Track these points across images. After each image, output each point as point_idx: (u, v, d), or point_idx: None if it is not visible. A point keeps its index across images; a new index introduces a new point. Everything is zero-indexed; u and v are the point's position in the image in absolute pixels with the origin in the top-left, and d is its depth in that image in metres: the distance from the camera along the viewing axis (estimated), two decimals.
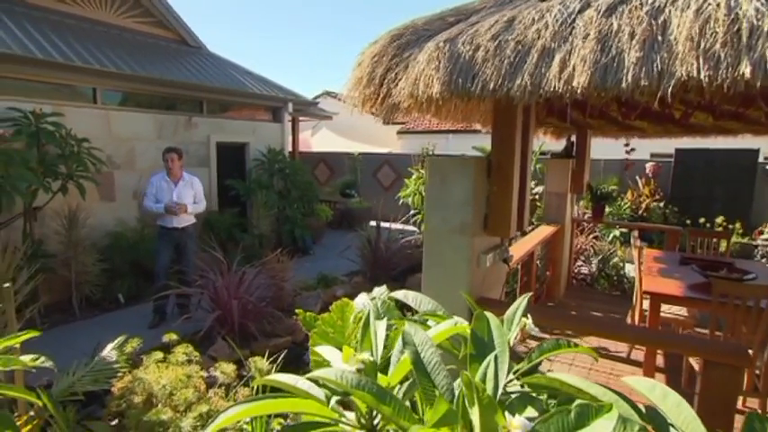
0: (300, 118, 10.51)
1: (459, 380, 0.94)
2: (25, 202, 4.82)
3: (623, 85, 1.59)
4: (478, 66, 1.99)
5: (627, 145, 5.39)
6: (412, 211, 8.53)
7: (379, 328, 1.40)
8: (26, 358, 1.58)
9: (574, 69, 1.72)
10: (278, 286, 4.61)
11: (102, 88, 6.18)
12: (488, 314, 1.20)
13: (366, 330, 1.39)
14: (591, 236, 7.39)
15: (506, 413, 0.83)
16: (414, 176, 6.27)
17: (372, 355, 1.30)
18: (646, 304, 3.54)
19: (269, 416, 2.62)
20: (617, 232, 7.69)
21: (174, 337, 2.45)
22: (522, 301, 1.35)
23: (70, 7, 6.79)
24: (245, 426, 2.13)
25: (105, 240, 6.01)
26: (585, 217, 7.25)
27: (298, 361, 3.90)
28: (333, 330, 2.55)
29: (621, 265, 6.39)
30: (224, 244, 6.20)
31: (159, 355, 2.41)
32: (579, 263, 6.24)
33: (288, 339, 4.32)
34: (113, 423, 2.39)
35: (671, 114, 4.27)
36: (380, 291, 1.98)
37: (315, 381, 1.19)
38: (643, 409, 0.92)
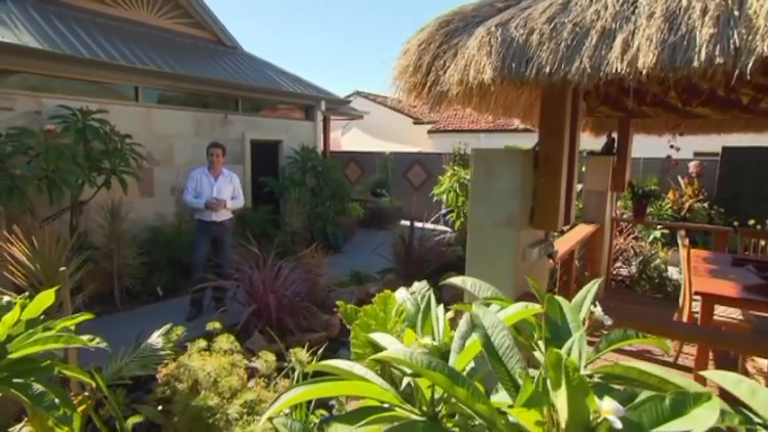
0: (332, 117, 10.58)
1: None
2: (73, 195, 4.99)
3: (695, 63, 1.50)
4: (533, 49, 1.92)
5: (673, 140, 5.16)
6: (443, 210, 8.43)
7: (440, 314, 1.35)
8: (84, 338, 1.61)
9: (638, 50, 1.63)
10: (313, 281, 4.62)
11: (143, 87, 6.36)
12: (559, 298, 1.14)
13: (427, 315, 1.34)
14: (630, 237, 7.14)
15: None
16: (448, 173, 6.19)
17: (434, 340, 1.26)
18: (696, 306, 3.37)
19: (308, 408, 2.61)
20: (657, 233, 7.40)
21: (217, 325, 2.47)
22: (591, 287, 1.28)
23: (115, 10, 7.02)
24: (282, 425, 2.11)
25: (144, 235, 6.17)
26: (625, 216, 7.01)
27: (333, 356, 3.89)
28: (375, 322, 2.51)
29: (664, 267, 6.14)
30: (257, 240, 6.27)
31: (203, 343, 2.43)
32: (618, 264, 6.03)
33: (323, 335, 4.31)
34: (159, 409, 2.42)
35: (738, 100, 4.02)
36: (420, 285, 1.93)
37: (380, 362, 1.16)
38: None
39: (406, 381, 1.09)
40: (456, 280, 1.46)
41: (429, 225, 6.77)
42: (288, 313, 4.21)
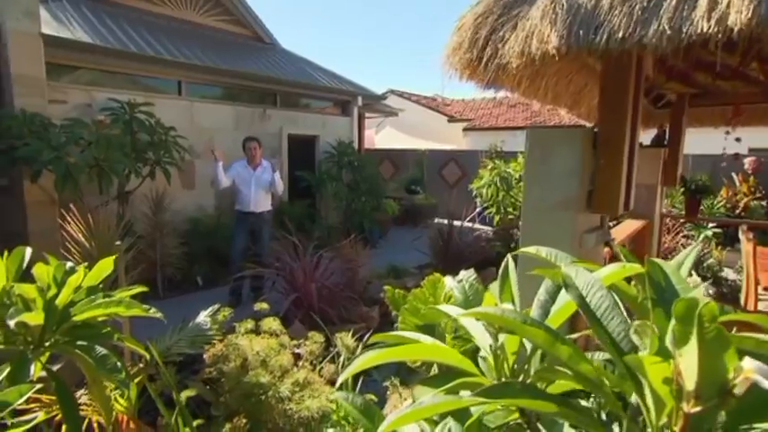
0: (366, 115, 10.57)
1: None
2: (120, 184, 5.13)
3: None
4: (603, 14, 1.81)
5: (732, 131, 4.85)
6: (479, 208, 8.26)
7: (515, 280, 1.27)
8: (143, 307, 1.60)
9: (728, 6, 1.50)
10: (353, 271, 4.58)
11: (186, 81, 6.51)
12: (658, 261, 1.04)
13: (506, 281, 1.26)
14: (679, 235, 6.80)
15: None
16: (489, 167, 6.05)
17: (513, 306, 1.17)
18: (762, 305, 3.14)
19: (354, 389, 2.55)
20: (709, 232, 7.01)
21: (264, 306, 2.45)
22: (690, 252, 1.17)
23: (161, 8, 7.22)
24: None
25: (185, 226, 6.30)
26: (674, 213, 6.68)
27: (374, 346, 3.84)
28: (424, 307, 2.42)
29: (718, 267, 5.81)
30: (294, 234, 6.31)
31: (250, 324, 2.41)
32: None
33: (363, 326, 4.26)
34: (206, 388, 2.41)
35: None
36: (467, 274, 1.84)
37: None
38: None
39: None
40: (530, 249, 1.37)
41: (466, 223, 6.64)
42: (327, 303, 4.18)
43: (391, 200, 9.50)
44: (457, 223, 6.22)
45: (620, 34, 1.74)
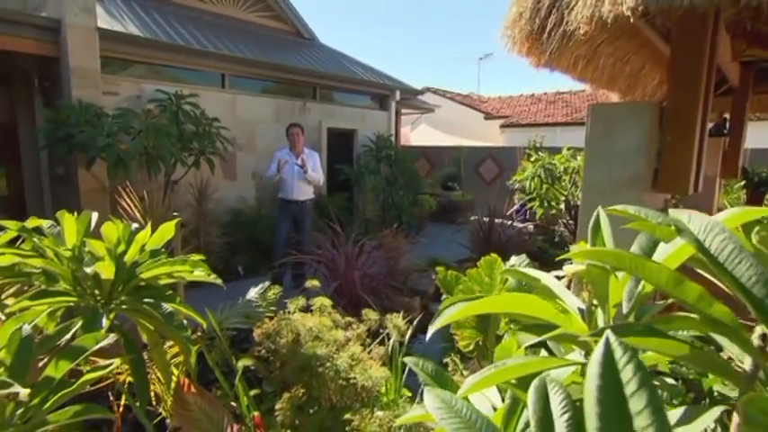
0: (403, 111, 10.52)
1: None
2: (167, 173, 5.26)
3: None
4: None
5: None
6: (517, 205, 8.06)
7: (609, 233, 1.17)
8: (206, 268, 1.59)
9: None
10: (395, 260, 4.53)
11: (229, 74, 6.63)
12: None
13: (597, 235, 1.17)
14: None
15: None
16: (533, 158, 5.89)
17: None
18: None
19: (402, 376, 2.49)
20: None
21: (315, 283, 2.42)
22: None
23: (206, 5, 7.40)
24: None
25: (227, 216, 6.41)
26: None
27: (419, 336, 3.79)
28: (480, 288, 2.32)
29: None
30: (332, 227, 6.32)
31: (301, 301, 2.39)
32: None
33: (405, 316, 4.20)
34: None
35: None
36: (519, 259, 1.75)
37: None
38: None
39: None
40: (617, 207, 1.27)
41: (505, 220, 6.48)
42: (369, 292, 4.13)
43: (428, 195, 9.40)
44: (496, 221, 6.07)
45: None
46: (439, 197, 10.19)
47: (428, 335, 0.93)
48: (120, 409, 1.91)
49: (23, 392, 0.93)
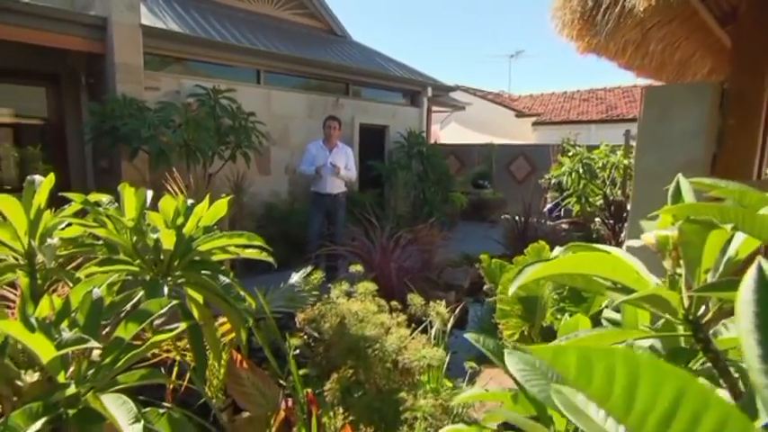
0: (433, 109, 10.45)
1: None
2: (204, 165, 5.37)
3: None
4: None
5: None
6: (550, 204, 7.88)
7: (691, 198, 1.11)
8: (262, 241, 1.60)
9: None
10: (430, 254, 4.49)
11: (264, 70, 6.73)
12: None
13: (678, 201, 1.11)
14: None
15: None
16: (570, 153, 5.75)
17: None
18: None
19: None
20: None
21: (359, 267, 2.41)
22: None
23: (241, 3, 7.54)
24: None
25: (261, 210, 6.50)
26: None
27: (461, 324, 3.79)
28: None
29: None
30: (363, 223, 6.33)
31: (345, 286, 2.38)
32: None
33: None
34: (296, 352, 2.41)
35: None
36: (560, 250, 1.69)
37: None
38: None
39: None
40: (697, 180, 1.21)
41: (538, 220, 6.34)
42: (404, 285, 4.11)
43: (459, 193, 9.31)
44: (535, 221, 5.94)
45: None
46: (470, 195, 10.08)
47: (511, 290, 0.89)
48: (170, 387, 1.94)
49: (97, 346, 0.95)
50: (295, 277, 2.52)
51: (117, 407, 0.84)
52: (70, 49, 5.15)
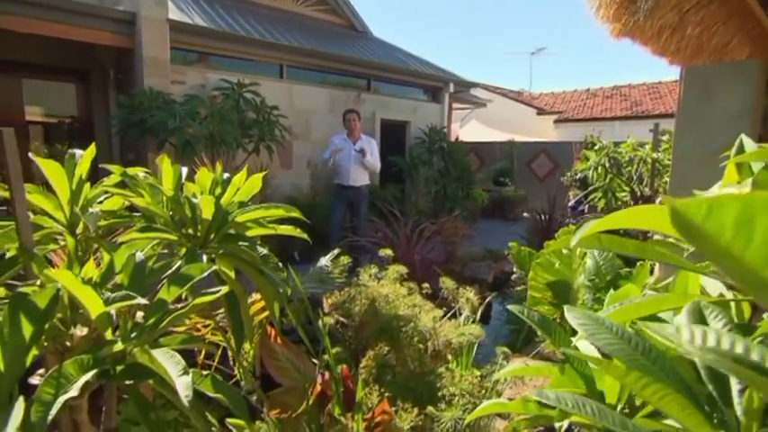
0: (454, 107, 10.37)
1: None
2: (228, 157, 5.42)
3: None
4: None
5: None
6: (572, 201, 7.74)
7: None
8: (298, 212, 1.60)
9: None
10: (454, 246, 4.44)
11: (287, 65, 6.77)
12: None
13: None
14: None
15: None
16: (596, 147, 5.63)
17: None
18: None
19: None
20: None
21: (389, 252, 2.39)
22: None
23: None
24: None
25: (282, 203, 6.52)
26: None
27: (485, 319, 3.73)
28: (559, 261, 2.18)
29: None
30: (384, 218, 6.31)
31: (373, 270, 2.36)
32: None
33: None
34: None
35: None
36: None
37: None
38: None
39: None
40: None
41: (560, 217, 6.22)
42: (428, 277, 4.07)
43: (480, 189, 9.22)
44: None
45: None
46: (491, 192, 9.98)
47: (573, 241, 0.85)
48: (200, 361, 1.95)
49: (144, 302, 0.94)
50: (324, 260, 2.51)
51: (166, 359, 0.83)
52: (99, 44, 5.26)
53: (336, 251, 2.51)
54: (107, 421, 1.22)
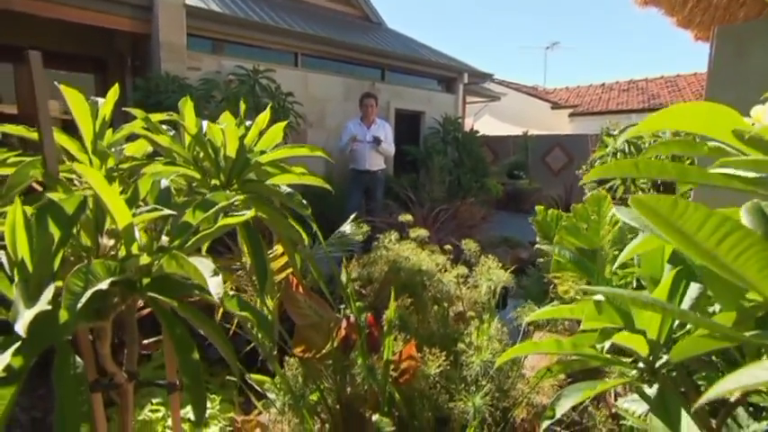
0: (467, 100, 10.31)
1: None
2: None
3: None
4: None
5: None
6: (588, 194, 7.60)
7: None
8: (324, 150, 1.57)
9: None
10: (470, 230, 4.39)
11: (302, 53, 6.77)
12: None
13: None
14: None
15: None
16: (616, 131, 5.54)
17: None
18: None
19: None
20: None
21: (408, 217, 2.35)
22: None
23: None
24: None
25: (297, 190, 6.50)
26: None
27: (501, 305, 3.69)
28: (586, 225, 2.12)
29: None
30: (401, 201, 6.28)
31: (395, 235, 2.32)
32: None
33: None
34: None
35: None
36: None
37: None
38: None
39: None
40: None
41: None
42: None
43: (494, 181, 9.14)
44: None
45: None
46: (505, 185, 9.89)
47: (620, 140, 0.80)
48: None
49: (172, 213, 0.92)
50: (345, 226, 2.48)
51: (197, 262, 0.80)
52: (117, 29, 5.30)
53: (353, 216, 2.48)
54: (129, 363, 1.20)
